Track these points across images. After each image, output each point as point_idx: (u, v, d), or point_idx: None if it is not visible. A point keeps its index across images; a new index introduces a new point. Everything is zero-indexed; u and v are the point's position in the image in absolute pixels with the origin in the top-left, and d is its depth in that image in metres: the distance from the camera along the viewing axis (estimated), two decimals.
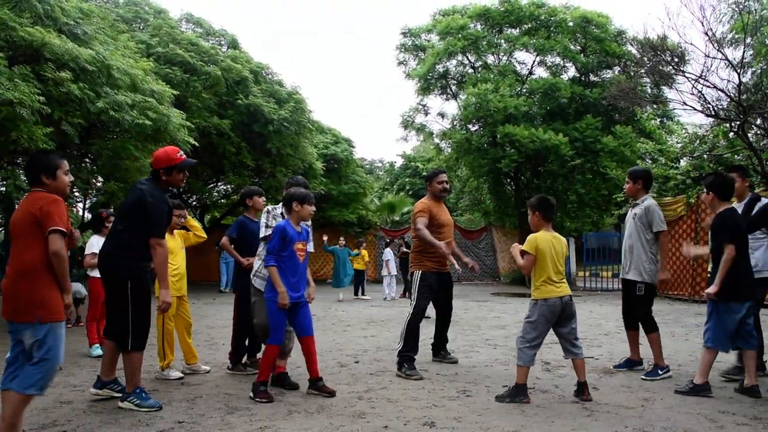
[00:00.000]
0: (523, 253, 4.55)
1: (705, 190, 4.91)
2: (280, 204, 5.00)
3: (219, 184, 21.35)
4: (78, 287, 9.17)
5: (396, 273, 15.38)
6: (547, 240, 4.51)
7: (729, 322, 4.52)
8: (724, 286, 4.55)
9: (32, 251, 3.33)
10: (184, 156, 4.49)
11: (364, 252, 15.58)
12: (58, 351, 3.36)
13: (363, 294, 15.13)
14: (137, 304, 4.22)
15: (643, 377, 5.23)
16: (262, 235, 5.06)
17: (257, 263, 5.08)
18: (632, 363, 5.62)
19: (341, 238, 16.37)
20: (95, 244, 6.24)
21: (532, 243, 4.50)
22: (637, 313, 5.50)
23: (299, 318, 4.67)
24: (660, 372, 5.23)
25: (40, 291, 3.31)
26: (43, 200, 3.38)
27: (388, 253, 15.31)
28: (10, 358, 3.36)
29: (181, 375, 5.28)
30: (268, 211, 5.12)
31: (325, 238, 15.22)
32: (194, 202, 21.92)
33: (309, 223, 4.93)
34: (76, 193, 17.42)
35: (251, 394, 4.50)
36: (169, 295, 4.38)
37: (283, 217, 4.86)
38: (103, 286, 4.42)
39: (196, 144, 11.13)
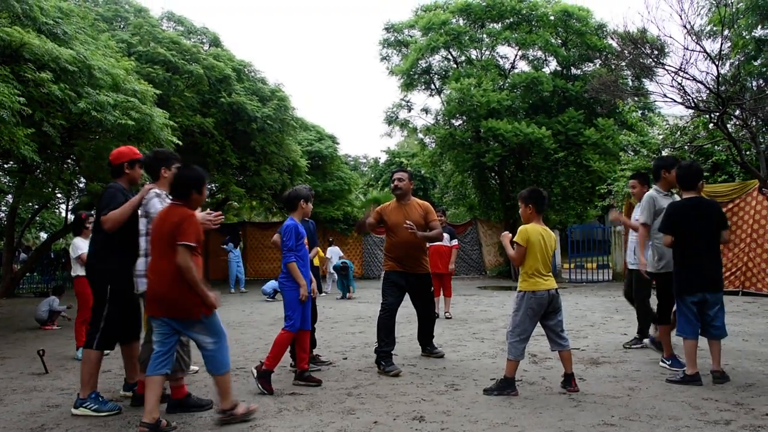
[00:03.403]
0: (513, 244, 4.59)
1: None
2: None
3: None
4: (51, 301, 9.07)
5: (332, 271, 15.17)
6: (538, 232, 4.55)
7: (688, 312, 4.76)
8: (676, 282, 4.84)
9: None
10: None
11: (319, 250, 14.77)
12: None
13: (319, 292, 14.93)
14: (114, 306, 4.25)
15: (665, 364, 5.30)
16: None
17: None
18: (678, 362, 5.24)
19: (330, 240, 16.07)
20: (81, 245, 6.20)
21: (523, 234, 4.53)
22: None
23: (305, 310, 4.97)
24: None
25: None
26: (180, 215, 3.70)
27: (330, 251, 15.15)
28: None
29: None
30: (158, 195, 4.26)
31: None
32: None
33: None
34: (59, 195, 17.25)
35: (257, 382, 4.67)
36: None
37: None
38: (90, 288, 4.44)
39: (180, 143, 11.03)
